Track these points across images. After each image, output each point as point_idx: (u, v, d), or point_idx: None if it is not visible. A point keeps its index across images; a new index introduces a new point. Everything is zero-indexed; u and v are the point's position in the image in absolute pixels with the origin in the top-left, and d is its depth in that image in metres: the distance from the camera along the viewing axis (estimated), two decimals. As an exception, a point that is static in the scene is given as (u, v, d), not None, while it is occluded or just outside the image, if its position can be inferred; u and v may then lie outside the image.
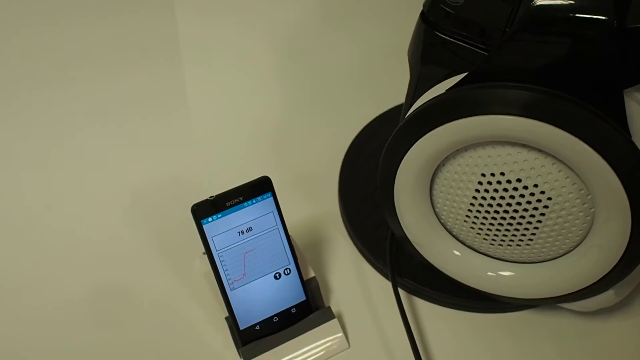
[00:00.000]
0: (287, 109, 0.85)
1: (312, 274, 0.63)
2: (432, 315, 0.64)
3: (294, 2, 0.96)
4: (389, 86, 0.69)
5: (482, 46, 0.51)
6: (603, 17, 0.44)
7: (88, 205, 0.75)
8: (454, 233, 0.59)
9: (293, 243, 0.62)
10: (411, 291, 0.66)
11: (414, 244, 0.60)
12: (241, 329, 0.60)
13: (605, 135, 0.46)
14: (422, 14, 0.54)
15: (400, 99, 0.60)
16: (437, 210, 0.58)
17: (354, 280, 0.67)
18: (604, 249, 0.52)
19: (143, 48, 0.92)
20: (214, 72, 0.89)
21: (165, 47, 0.92)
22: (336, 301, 0.65)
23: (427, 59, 0.55)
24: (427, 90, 0.55)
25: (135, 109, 0.86)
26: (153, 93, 0.87)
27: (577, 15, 0.45)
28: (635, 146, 0.47)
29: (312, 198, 0.74)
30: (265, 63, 0.90)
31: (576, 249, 0.54)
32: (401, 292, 0.65)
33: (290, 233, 0.63)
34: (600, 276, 0.54)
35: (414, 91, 0.57)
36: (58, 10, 0.95)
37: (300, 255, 0.63)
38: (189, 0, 0.94)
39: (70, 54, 0.92)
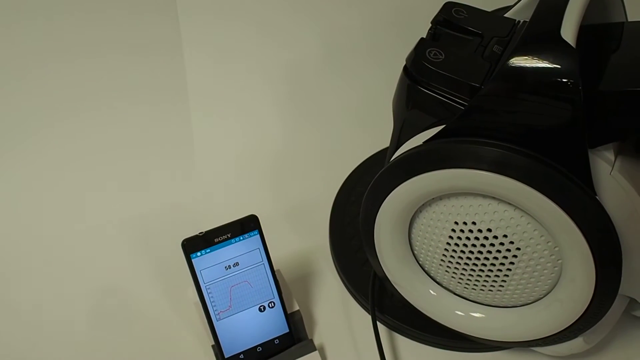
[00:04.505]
0: (285, 144, 0.88)
1: (296, 307, 0.65)
2: (410, 352, 0.66)
3: (295, 45, 0.98)
4: (384, 126, 0.71)
5: (460, 101, 0.54)
6: (570, 81, 0.47)
7: (88, 232, 0.78)
8: (430, 274, 0.62)
9: (279, 277, 0.65)
10: (392, 328, 0.68)
11: (392, 283, 0.63)
12: (226, 357, 0.62)
13: (568, 192, 0.49)
14: (405, 68, 0.57)
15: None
16: (415, 251, 0.61)
17: (338, 314, 0.70)
18: (569, 300, 0.54)
19: (150, 88, 0.94)
20: (218, 106, 0.92)
21: (171, 85, 0.93)
22: (319, 334, 0.68)
23: (409, 109, 0.58)
24: (410, 137, 0.58)
25: (137, 139, 0.88)
26: (158, 126, 0.90)
27: (546, 77, 0.48)
28: (597, 203, 0.49)
29: (304, 232, 0.77)
30: (266, 99, 0.93)
31: (544, 298, 0.57)
32: (382, 328, 0.67)
33: (279, 266, 0.66)
34: (566, 325, 0.56)
35: (398, 137, 0.60)
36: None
37: (285, 289, 0.65)
38: (197, 40, 0.96)
39: (75, 94, 0.92)
